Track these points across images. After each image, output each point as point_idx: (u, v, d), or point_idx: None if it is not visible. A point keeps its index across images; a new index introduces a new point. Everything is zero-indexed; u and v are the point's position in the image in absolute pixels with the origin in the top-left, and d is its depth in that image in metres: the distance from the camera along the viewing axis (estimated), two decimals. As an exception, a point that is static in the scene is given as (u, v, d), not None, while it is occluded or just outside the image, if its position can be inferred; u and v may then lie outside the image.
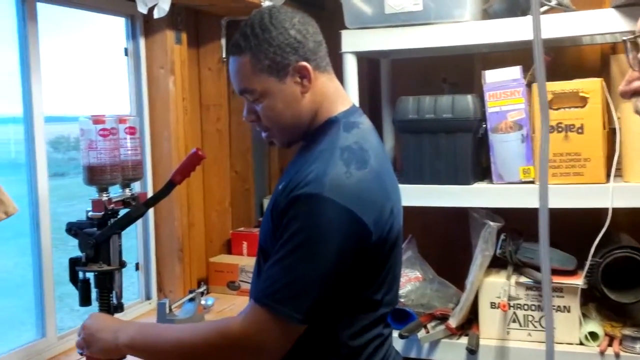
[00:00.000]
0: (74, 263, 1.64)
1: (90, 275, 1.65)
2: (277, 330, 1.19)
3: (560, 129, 1.91)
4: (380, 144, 1.40)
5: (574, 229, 2.03)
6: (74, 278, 1.65)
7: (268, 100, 1.32)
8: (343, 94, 1.40)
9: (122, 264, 1.67)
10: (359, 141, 1.28)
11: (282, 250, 1.20)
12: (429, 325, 2.12)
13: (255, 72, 1.31)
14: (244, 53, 1.32)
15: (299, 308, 1.18)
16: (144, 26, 2.32)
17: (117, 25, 2.31)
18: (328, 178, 1.19)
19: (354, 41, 2.06)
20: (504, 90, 1.94)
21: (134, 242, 2.40)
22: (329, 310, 1.24)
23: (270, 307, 1.18)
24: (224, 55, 2.49)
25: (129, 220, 1.65)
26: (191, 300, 2.17)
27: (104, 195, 1.63)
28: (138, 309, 2.33)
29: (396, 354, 1.43)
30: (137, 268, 2.38)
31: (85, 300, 1.65)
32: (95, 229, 1.63)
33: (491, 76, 1.96)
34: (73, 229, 1.64)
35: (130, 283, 2.48)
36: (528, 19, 1.86)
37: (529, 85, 1.94)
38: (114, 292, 1.67)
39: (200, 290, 2.25)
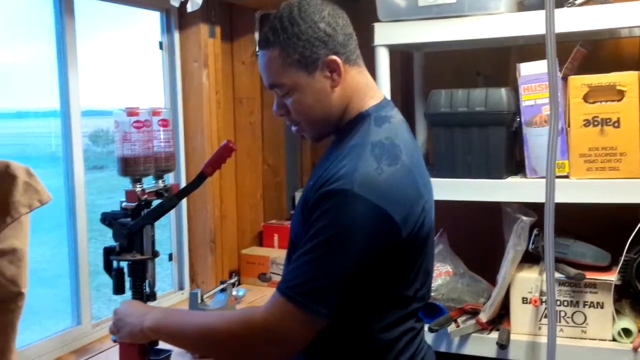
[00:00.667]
0: (108, 252, 1.68)
1: (124, 265, 1.68)
2: (299, 322, 1.19)
3: (596, 123, 1.88)
4: (412, 138, 1.38)
5: (608, 224, 2.00)
6: (108, 267, 1.68)
7: (297, 94, 1.32)
8: (374, 87, 1.39)
9: (155, 254, 1.70)
10: (390, 136, 1.27)
11: (309, 244, 1.20)
12: (459, 320, 2.11)
13: (285, 66, 1.30)
14: (273, 47, 1.31)
15: (322, 302, 1.18)
16: (179, 20, 2.34)
17: (152, 19, 2.35)
18: (359, 174, 1.19)
19: (386, 34, 2.05)
20: (539, 84, 1.91)
21: (167, 234, 2.44)
22: (357, 305, 1.25)
23: (293, 300, 1.18)
24: (257, 49, 2.50)
25: (161, 211, 1.67)
26: (223, 290, 2.20)
27: (138, 186, 1.66)
28: (171, 298, 2.37)
29: (428, 348, 1.42)
30: (170, 259, 2.41)
31: (119, 289, 1.68)
32: (129, 219, 1.66)
33: (526, 69, 1.93)
34: (107, 219, 1.67)
35: (165, 274, 2.52)
36: (563, 11, 1.84)
37: (564, 79, 1.91)
38: (147, 281, 1.70)
39: (232, 281, 2.28)
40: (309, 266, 1.19)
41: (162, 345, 1.82)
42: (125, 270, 1.68)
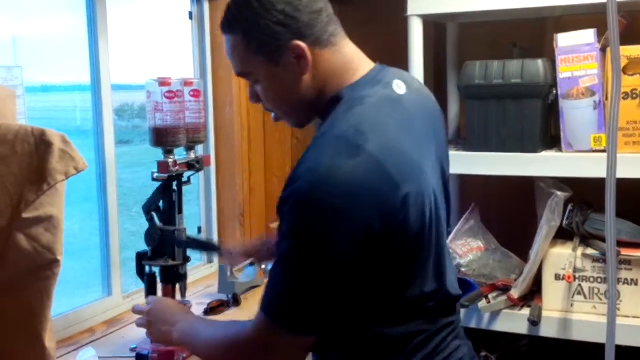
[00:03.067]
0: (140, 257, 1.68)
1: (156, 270, 1.69)
2: (283, 340, 1.13)
3: (634, 96, 1.83)
4: (403, 116, 1.21)
5: (646, 200, 1.96)
6: (140, 272, 1.69)
7: (265, 82, 1.23)
8: (354, 64, 1.23)
9: (187, 259, 1.70)
10: (357, 123, 1.12)
11: (277, 254, 1.12)
12: (490, 296, 2.09)
13: (248, 54, 1.20)
14: (234, 33, 1.21)
15: (299, 319, 1.12)
16: (209, -10, 2.32)
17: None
18: (313, 174, 1.07)
19: (420, 4, 2.00)
20: (576, 55, 1.86)
21: (196, 207, 2.44)
22: (356, 309, 1.17)
23: (272, 318, 1.12)
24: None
25: (195, 245, 1.74)
26: (252, 264, 2.20)
27: (170, 157, 1.66)
28: (200, 272, 2.38)
29: (457, 349, 1.27)
30: (199, 231, 2.42)
31: (150, 294, 1.69)
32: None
33: (564, 40, 1.88)
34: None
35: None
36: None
37: (603, 50, 1.86)
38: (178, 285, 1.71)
39: (261, 254, 2.28)
40: (278, 280, 1.12)
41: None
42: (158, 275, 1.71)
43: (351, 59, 1.23)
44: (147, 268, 1.69)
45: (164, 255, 1.67)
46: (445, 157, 1.37)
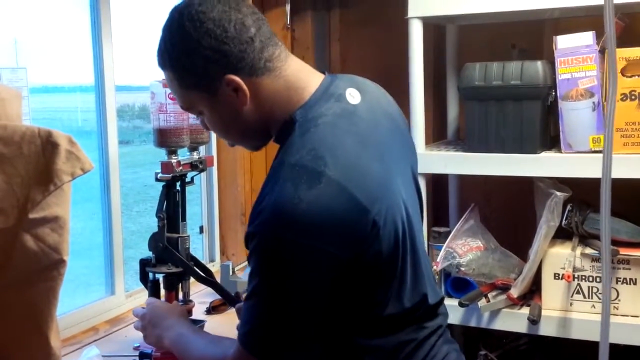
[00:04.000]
0: (144, 264, 1.70)
1: (159, 276, 1.71)
2: None
3: (633, 97, 1.85)
4: (360, 126, 1.16)
5: (644, 200, 1.97)
6: (144, 278, 1.71)
7: (208, 114, 1.20)
8: (301, 83, 1.18)
9: (190, 267, 1.72)
10: (314, 147, 1.08)
11: (248, 286, 1.12)
12: (489, 295, 2.10)
13: (184, 89, 1.18)
14: (165, 68, 1.19)
15: (277, 350, 1.11)
16: (209, -9, 2.33)
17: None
18: (274, 209, 1.04)
19: (420, 6, 2.01)
20: (575, 57, 1.88)
21: (198, 207, 2.45)
22: (337, 330, 1.17)
23: (247, 348, 1.12)
24: (288, 22, 2.49)
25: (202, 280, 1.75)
26: (253, 263, 2.21)
27: (173, 157, 1.67)
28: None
29: (448, 354, 1.28)
30: (201, 231, 2.43)
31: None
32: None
33: (563, 42, 1.90)
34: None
35: (196, 247, 2.54)
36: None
37: (602, 52, 1.88)
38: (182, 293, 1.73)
39: (263, 254, 2.29)
40: (252, 313, 1.11)
41: (196, 316, 1.85)
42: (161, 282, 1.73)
43: (296, 79, 1.18)
44: (150, 275, 1.71)
45: (167, 262, 1.68)
46: (413, 154, 1.34)
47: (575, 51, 1.89)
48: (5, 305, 1.13)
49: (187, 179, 1.74)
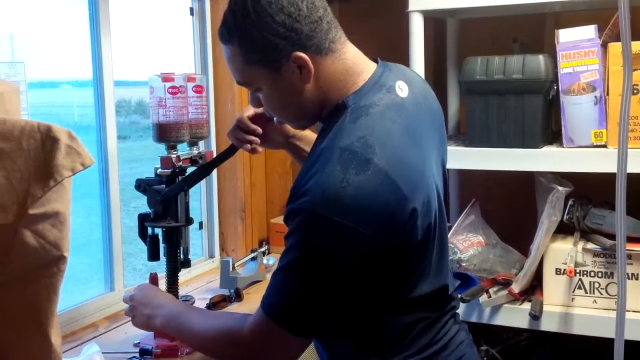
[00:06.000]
0: (142, 219, 1.68)
1: (158, 231, 1.69)
2: (282, 341, 1.16)
3: (636, 91, 1.84)
4: (406, 118, 1.20)
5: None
6: (142, 233, 1.69)
7: (267, 91, 1.22)
8: (357, 68, 1.22)
9: (189, 221, 1.71)
10: (364, 134, 1.12)
11: (282, 261, 1.15)
12: (491, 290, 2.10)
13: (247, 65, 1.19)
14: (231, 44, 1.19)
15: (303, 323, 1.14)
16: (210, -15, 2.32)
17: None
18: (322, 190, 1.08)
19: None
20: (577, 51, 1.87)
21: (197, 203, 2.44)
22: (357, 309, 1.21)
23: (273, 318, 1.14)
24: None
25: (195, 178, 1.67)
26: (253, 259, 2.21)
27: (173, 152, 1.66)
28: (202, 266, 2.38)
29: (456, 334, 1.34)
30: (200, 227, 2.42)
31: (153, 256, 1.69)
32: (164, 186, 1.66)
33: (565, 35, 1.89)
34: (142, 185, 1.67)
35: (195, 242, 2.53)
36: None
37: (604, 46, 1.87)
38: (181, 248, 1.70)
39: (263, 249, 2.29)
40: (282, 286, 1.14)
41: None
42: (160, 236, 1.70)
43: (353, 64, 1.22)
44: (149, 229, 1.69)
45: (166, 216, 1.66)
46: (445, 150, 1.40)
47: (577, 45, 1.88)
48: (5, 302, 1.12)
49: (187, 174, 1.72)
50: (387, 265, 1.16)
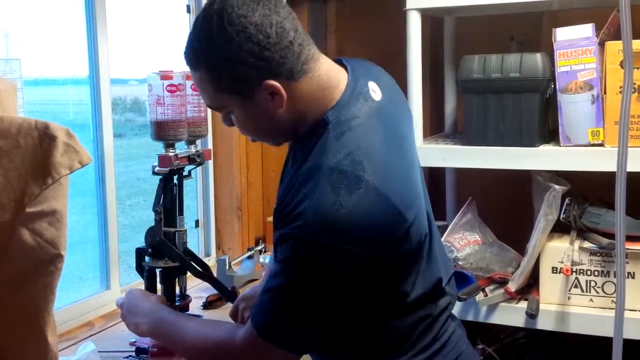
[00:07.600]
0: (140, 253, 1.67)
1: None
2: (275, 357, 1.14)
3: (633, 90, 1.84)
4: (385, 123, 1.19)
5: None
6: (140, 268, 1.69)
7: (239, 115, 1.18)
8: (332, 82, 1.17)
9: (187, 261, 1.70)
10: (351, 151, 1.09)
11: (274, 281, 1.13)
12: (487, 289, 2.10)
13: (217, 91, 1.15)
14: (198, 69, 1.14)
15: (295, 341, 1.13)
16: (206, -18, 2.31)
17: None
18: (315, 214, 1.05)
19: (419, -3, 2.01)
20: (575, 49, 1.87)
21: (194, 201, 2.44)
22: (355, 319, 1.20)
23: (264, 337, 1.13)
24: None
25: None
26: (250, 258, 2.20)
27: (171, 151, 1.65)
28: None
29: (454, 330, 1.34)
30: (196, 225, 2.42)
31: (151, 288, 1.68)
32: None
33: (562, 34, 1.89)
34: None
35: (191, 241, 2.52)
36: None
37: (601, 44, 1.87)
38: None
39: (259, 248, 2.29)
40: (273, 305, 1.13)
41: (192, 311, 1.84)
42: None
43: (328, 78, 1.17)
44: (146, 268, 1.68)
45: (163, 256, 1.66)
46: (414, 144, 1.36)
47: (574, 43, 1.88)
48: (2, 301, 1.11)
49: (185, 173, 1.72)
50: (383, 277, 1.16)
